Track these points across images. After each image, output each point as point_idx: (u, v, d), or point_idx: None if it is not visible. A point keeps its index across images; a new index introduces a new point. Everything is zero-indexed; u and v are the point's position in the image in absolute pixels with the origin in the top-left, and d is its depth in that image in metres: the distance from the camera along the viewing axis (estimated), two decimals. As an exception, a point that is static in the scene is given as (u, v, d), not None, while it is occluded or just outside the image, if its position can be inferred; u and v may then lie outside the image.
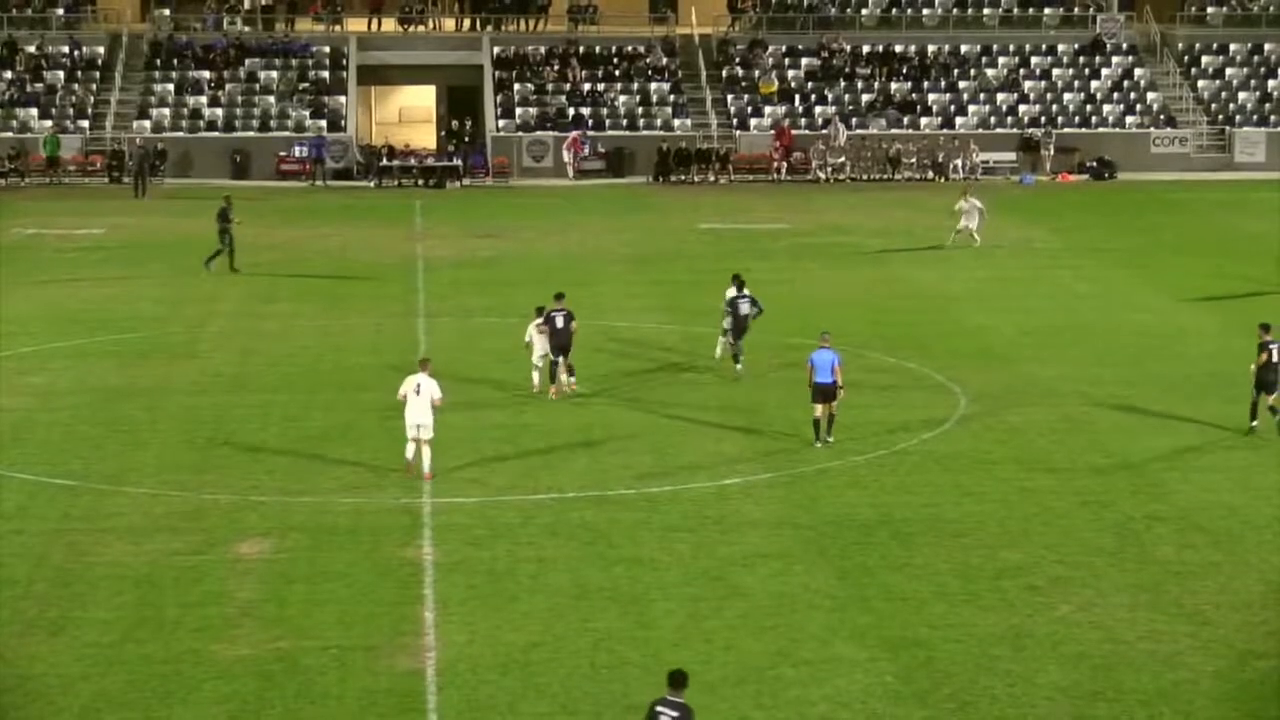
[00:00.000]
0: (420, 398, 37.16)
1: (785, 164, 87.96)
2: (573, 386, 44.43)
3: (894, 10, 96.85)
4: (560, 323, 43.87)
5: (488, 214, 76.73)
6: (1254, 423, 41.45)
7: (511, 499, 36.68)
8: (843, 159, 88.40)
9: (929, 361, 48.71)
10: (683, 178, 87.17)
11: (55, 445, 40.20)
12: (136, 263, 64.10)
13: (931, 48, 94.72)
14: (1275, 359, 40.70)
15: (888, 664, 28.63)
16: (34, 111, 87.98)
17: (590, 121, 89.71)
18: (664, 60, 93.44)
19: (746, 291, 46.43)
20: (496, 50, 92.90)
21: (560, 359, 43.97)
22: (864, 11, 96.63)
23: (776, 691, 27.55)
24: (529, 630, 29.86)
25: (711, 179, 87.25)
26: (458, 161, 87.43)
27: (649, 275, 62.16)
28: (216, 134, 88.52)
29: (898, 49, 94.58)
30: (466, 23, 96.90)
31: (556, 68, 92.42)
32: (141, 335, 51.78)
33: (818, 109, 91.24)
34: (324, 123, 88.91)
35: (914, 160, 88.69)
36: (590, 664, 28.55)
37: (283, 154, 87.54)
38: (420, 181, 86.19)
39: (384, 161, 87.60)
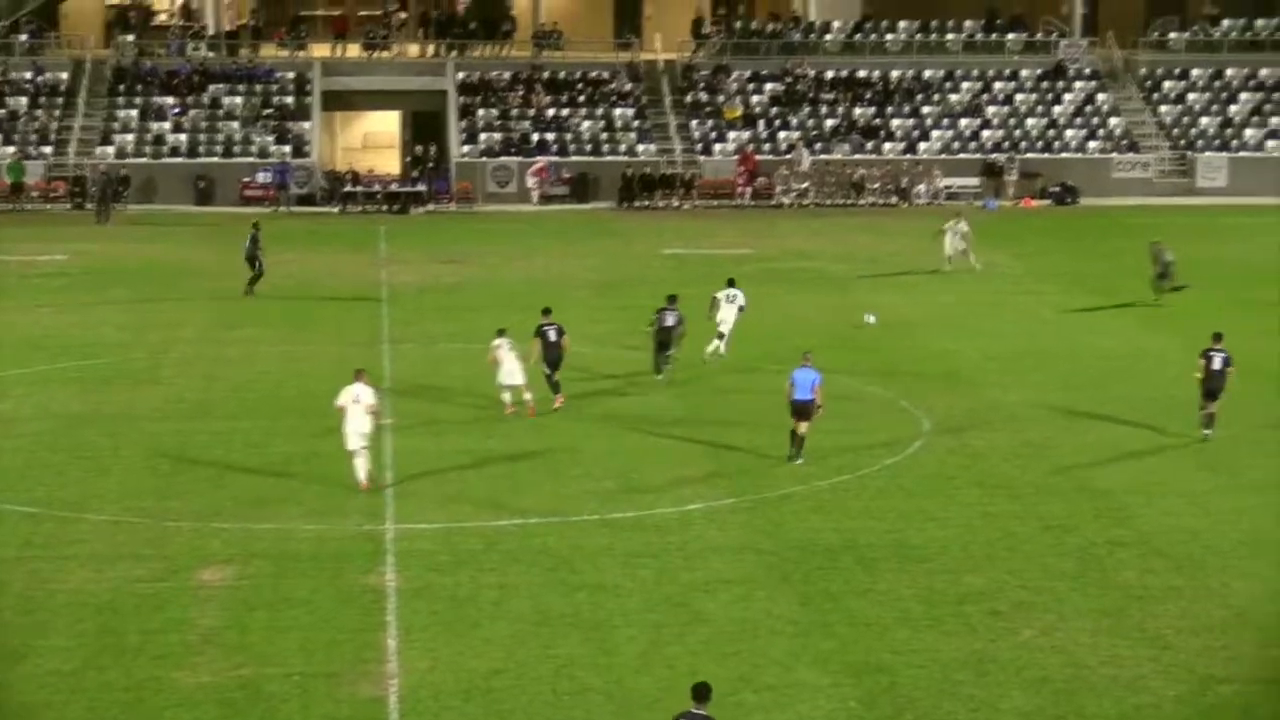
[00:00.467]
0: (358, 406, 37.69)
1: (749, 189, 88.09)
2: (559, 402, 44.89)
3: (858, 36, 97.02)
4: (553, 336, 44.63)
5: (452, 239, 76.74)
6: (1206, 431, 42.03)
7: (474, 525, 36.65)
8: (807, 184, 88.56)
9: (892, 386, 48.79)
10: (647, 203, 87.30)
11: (17, 472, 40.10)
12: (99, 289, 63.98)
13: (895, 73, 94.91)
14: (1217, 366, 41.54)
15: (851, 689, 28.64)
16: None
17: (555, 147, 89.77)
18: (628, 85, 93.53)
19: (676, 306, 48.38)
20: (461, 75, 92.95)
21: (552, 373, 45.07)
22: (828, 37, 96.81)
23: (739, 717, 27.54)
24: (491, 657, 29.83)
25: (676, 204, 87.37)
26: (422, 187, 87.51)
27: (613, 300, 62.20)
28: (180, 160, 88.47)
29: (861, 74, 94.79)
30: (431, 48, 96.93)
31: (521, 93, 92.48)
32: (104, 361, 51.68)
33: (781, 134, 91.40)
34: (288, 148, 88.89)
35: (877, 185, 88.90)
36: (553, 690, 28.52)
37: (246, 180, 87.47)
38: (384, 207, 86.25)
39: (348, 187, 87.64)
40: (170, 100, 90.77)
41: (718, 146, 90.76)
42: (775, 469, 40.40)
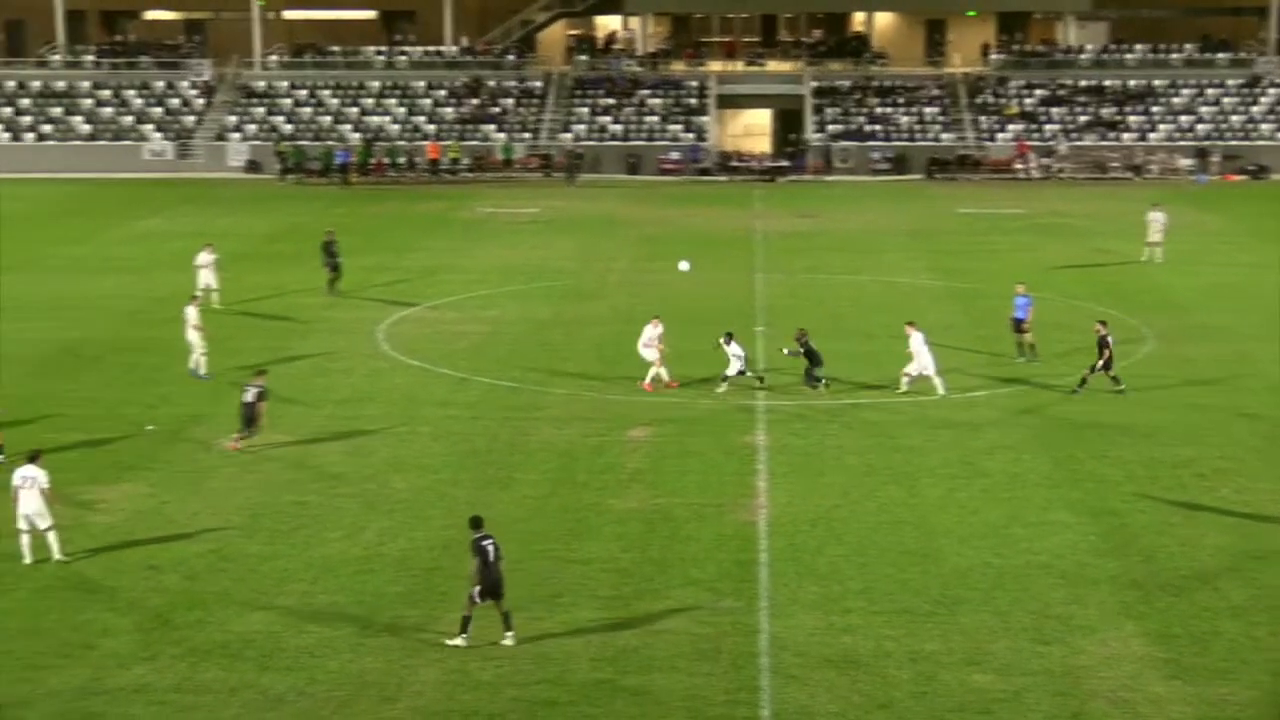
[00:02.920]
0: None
1: (1023, 167, 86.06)
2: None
3: (1104, 55, 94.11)
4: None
5: (806, 200, 76.33)
6: None
7: (822, 403, 36.55)
8: (1064, 164, 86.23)
9: (1124, 308, 47.41)
10: (947, 176, 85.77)
11: (505, 359, 40.98)
12: (561, 232, 64.96)
13: (1132, 82, 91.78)
14: None
15: (1091, 527, 28.09)
16: (492, 127, 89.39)
17: (882, 135, 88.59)
18: (935, 91, 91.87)
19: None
20: (815, 84, 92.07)
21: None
22: (1082, 56, 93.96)
23: (1010, 545, 27.20)
24: (831, 496, 29.80)
25: (968, 177, 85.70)
26: (785, 163, 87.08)
27: (923, 245, 61.32)
28: (617, 142, 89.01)
29: (1106, 83, 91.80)
30: (793, 65, 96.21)
31: (857, 96, 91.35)
32: (563, 283, 52.50)
33: (1046, 127, 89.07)
34: (692, 135, 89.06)
35: (1117, 165, 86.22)
36: (876, 521, 28.42)
37: (662, 157, 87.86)
38: (758, 177, 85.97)
39: (733, 163, 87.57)
40: (610, 101, 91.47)
41: (999, 135, 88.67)
42: (1037, 368, 39.55)
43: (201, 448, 32.85)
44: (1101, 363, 37.00)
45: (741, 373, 37.34)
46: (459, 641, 22.72)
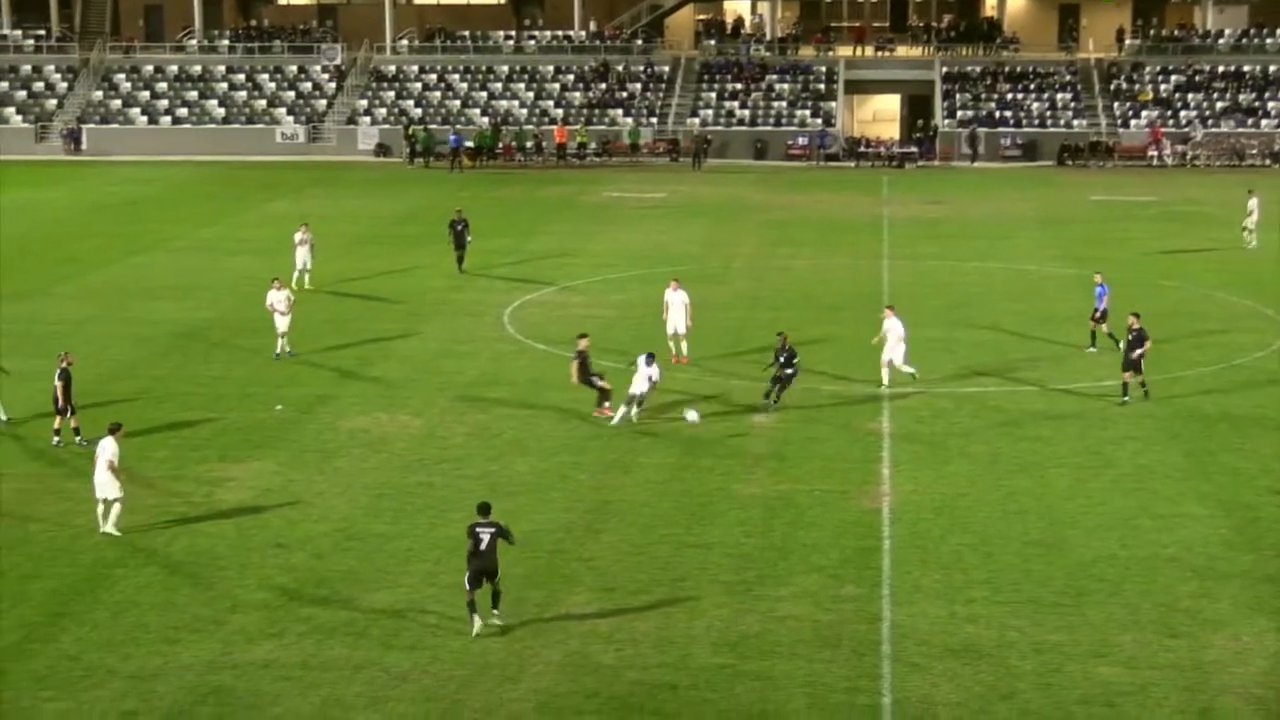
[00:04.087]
0: (675, 304, 38.40)
1: (1157, 154, 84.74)
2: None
3: (1243, 39, 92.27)
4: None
5: (935, 187, 75.70)
6: None
7: (946, 390, 36.26)
8: (1200, 151, 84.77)
9: (1260, 298, 46.52)
10: (1079, 163, 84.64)
11: (628, 342, 40.80)
12: (687, 217, 64.94)
13: (1272, 68, 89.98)
14: None
15: (1223, 520, 27.60)
16: (620, 111, 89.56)
17: (1012, 121, 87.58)
18: (1067, 76, 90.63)
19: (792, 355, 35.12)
20: (944, 69, 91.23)
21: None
22: (1220, 41, 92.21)
23: (1138, 536, 26.79)
24: (956, 484, 29.55)
25: (1100, 164, 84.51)
26: (914, 149, 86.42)
27: (1053, 233, 60.60)
28: (744, 128, 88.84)
29: (1245, 69, 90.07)
30: (923, 50, 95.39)
31: (988, 82, 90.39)
32: (689, 267, 52.41)
33: (1182, 113, 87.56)
34: (820, 120, 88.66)
35: (1255, 152, 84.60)
36: (1001, 510, 28.13)
37: (790, 142, 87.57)
38: (887, 163, 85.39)
39: (861, 148, 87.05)
40: (738, 86, 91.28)
41: (1133, 122, 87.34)
42: (1168, 360, 38.87)
43: (329, 428, 33.26)
44: (1138, 353, 34.62)
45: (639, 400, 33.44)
46: (474, 628, 22.69)
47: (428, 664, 21.83)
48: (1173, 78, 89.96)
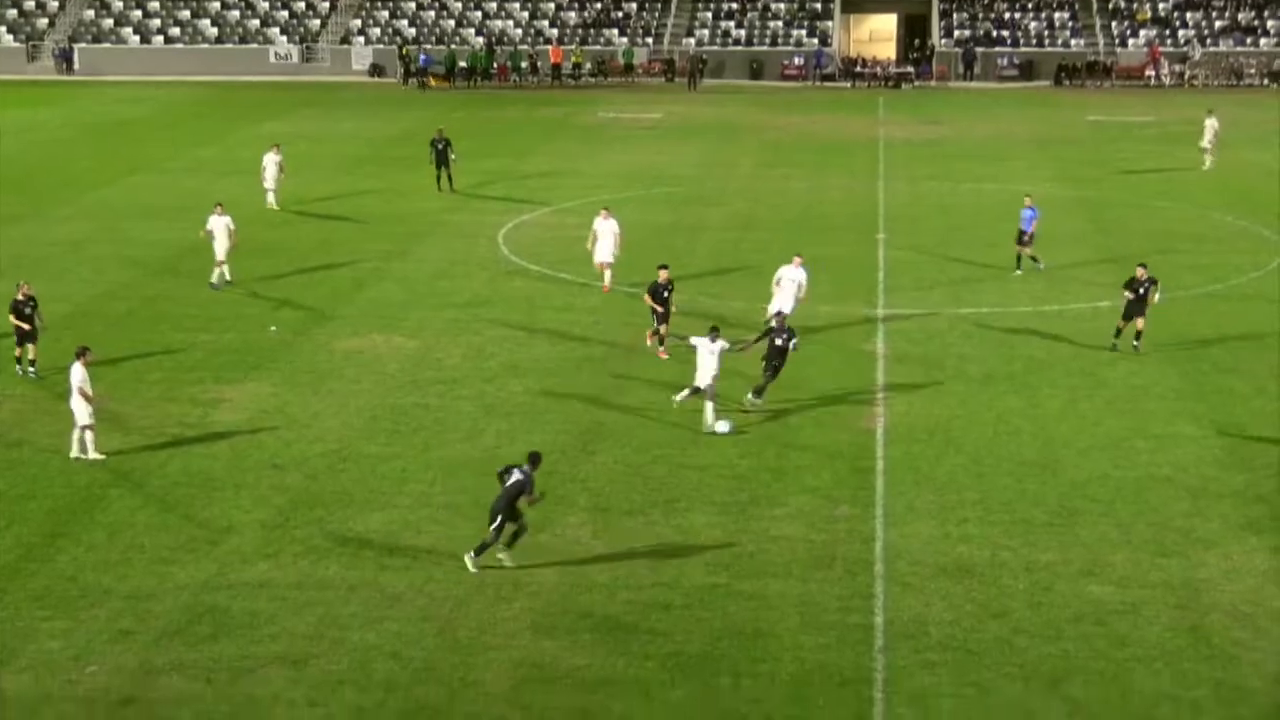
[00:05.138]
0: (604, 233, 37.46)
1: (1155, 74, 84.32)
2: None
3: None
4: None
5: (931, 107, 75.32)
6: None
7: (941, 313, 36.24)
8: (1198, 70, 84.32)
9: (1257, 219, 46.45)
10: (1076, 83, 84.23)
11: (624, 264, 40.46)
12: (682, 138, 64.66)
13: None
14: None
15: (1216, 440, 27.67)
16: (615, 31, 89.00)
17: (1009, 41, 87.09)
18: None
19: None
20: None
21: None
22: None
23: (1131, 457, 26.87)
24: (950, 405, 29.59)
25: (1098, 84, 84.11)
26: (910, 69, 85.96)
27: (1049, 154, 60.36)
28: (740, 48, 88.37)
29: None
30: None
31: (985, 1, 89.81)
32: (683, 189, 52.30)
33: (1180, 32, 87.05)
34: (816, 40, 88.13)
35: (1254, 71, 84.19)
36: (994, 431, 28.19)
37: (785, 62, 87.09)
38: (883, 84, 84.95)
39: (857, 69, 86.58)
40: (734, 5, 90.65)
41: (1131, 41, 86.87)
42: (1163, 280, 38.75)
43: (323, 349, 33.23)
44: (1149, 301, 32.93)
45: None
46: (505, 560, 22.61)
47: (423, 584, 21.92)
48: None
